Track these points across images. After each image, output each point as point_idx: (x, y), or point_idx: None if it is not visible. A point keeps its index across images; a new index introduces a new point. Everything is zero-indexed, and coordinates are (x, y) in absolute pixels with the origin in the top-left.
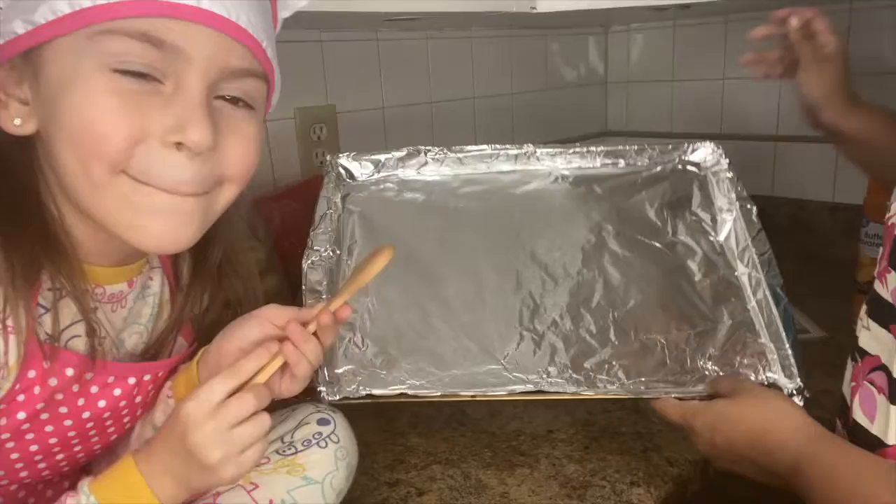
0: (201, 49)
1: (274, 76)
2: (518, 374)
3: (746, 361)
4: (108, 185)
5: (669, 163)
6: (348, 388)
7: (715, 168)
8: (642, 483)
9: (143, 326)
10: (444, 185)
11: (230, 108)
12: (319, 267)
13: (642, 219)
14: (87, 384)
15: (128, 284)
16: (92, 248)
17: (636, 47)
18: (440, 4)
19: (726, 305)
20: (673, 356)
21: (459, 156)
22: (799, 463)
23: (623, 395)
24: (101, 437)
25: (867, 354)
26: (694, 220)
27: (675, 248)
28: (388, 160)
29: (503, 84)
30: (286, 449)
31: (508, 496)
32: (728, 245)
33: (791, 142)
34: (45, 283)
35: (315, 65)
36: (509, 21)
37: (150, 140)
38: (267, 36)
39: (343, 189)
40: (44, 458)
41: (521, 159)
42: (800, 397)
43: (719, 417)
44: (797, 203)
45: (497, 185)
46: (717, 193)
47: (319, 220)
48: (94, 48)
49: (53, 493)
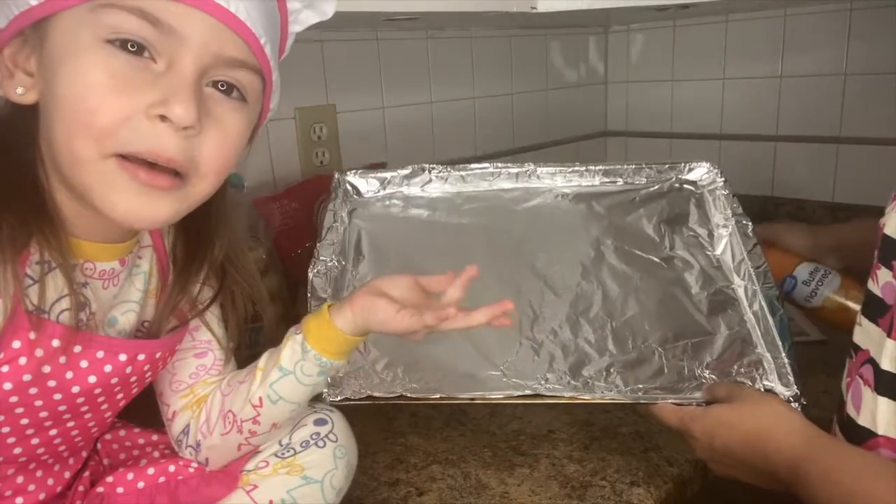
0: (196, 33)
1: (271, 75)
2: (517, 380)
3: (743, 370)
4: (93, 161)
5: (667, 181)
6: (350, 390)
7: (711, 186)
8: (642, 483)
9: (136, 304)
10: (448, 201)
11: (221, 96)
12: (324, 276)
13: (640, 234)
14: (76, 358)
15: (120, 262)
16: (80, 223)
17: (636, 47)
18: (440, 4)
19: (723, 317)
20: (670, 364)
21: (462, 174)
22: (798, 465)
23: (621, 400)
24: (95, 413)
25: (860, 349)
26: (691, 235)
27: (672, 263)
28: (394, 178)
29: (503, 84)
30: (284, 452)
31: (508, 496)
32: (724, 259)
33: (791, 142)
34: (33, 256)
35: (315, 65)
36: (509, 21)
37: (134, 116)
38: (267, 34)
39: (350, 204)
40: (36, 432)
41: (522, 177)
42: (796, 404)
43: (717, 422)
44: (797, 203)
45: (499, 202)
46: (714, 210)
47: (326, 233)
48: (93, 19)
49: (54, 480)
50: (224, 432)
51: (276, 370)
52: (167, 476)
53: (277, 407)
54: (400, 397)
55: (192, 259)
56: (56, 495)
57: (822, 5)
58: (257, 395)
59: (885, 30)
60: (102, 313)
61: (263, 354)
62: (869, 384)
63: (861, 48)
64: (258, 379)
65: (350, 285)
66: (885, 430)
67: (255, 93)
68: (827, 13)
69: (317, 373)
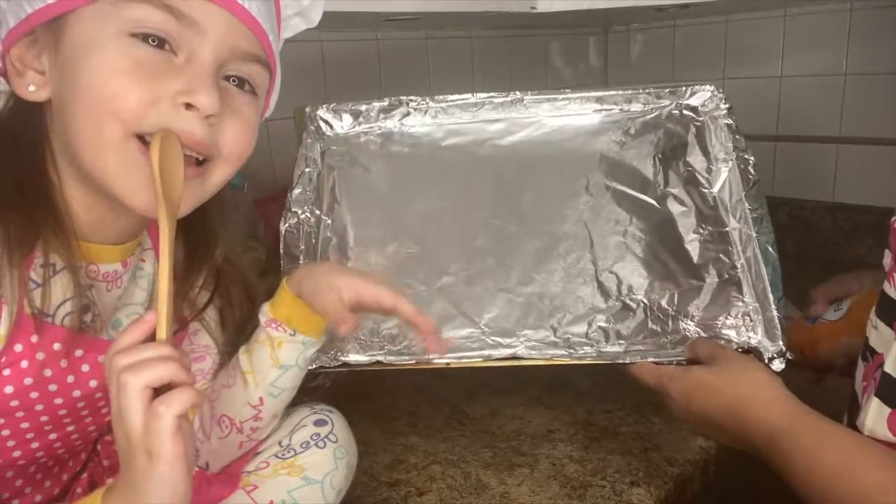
0: (216, 27)
1: (276, 72)
2: (496, 338)
3: (730, 322)
4: (118, 144)
5: (666, 108)
6: (324, 357)
7: (714, 113)
8: (642, 483)
9: (141, 307)
10: (429, 136)
11: (235, 90)
12: (297, 229)
13: (633, 170)
14: (78, 361)
15: (122, 265)
16: (87, 222)
17: (636, 47)
18: (440, 4)
19: (714, 263)
20: (654, 317)
21: (443, 105)
22: (776, 437)
23: (599, 361)
24: (95, 417)
25: (876, 353)
26: (688, 170)
27: (665, 202)
28: (370, 110)
29: (503, 84)
30: (284, 452)
31: (508, 496)
32: (721, 197)
33: (791, 142)
34: (38, 259)
35: (315, 65)
36: (509, 21)
37: (161, 102)
38: (272, 32)
39: (323, 143)
40: (36, 436)
41: (507, 107)
42: (781, 359)
43: (695, 385)
44: (797, 203)
45: (483, 135)
46: (714, 141)
47: (297, 180)
48: (116, 14)
49: (52, 483)
50: (222, 436)
51: (276, 369)
52: None
53: (279, 399)
54: (375, 363)
55: (192, 261)
56: (54, 497)
57: (822, 5)
58: (256, 396)
59: (885, 30)
60: (106, 316)
61: (240, 355)
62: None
63: (861, 48)
64: (250, 382)
65: (325, 237)
66: (871, 430)
67: (263, 87)
68: (827, 13)
69: (314, 352)
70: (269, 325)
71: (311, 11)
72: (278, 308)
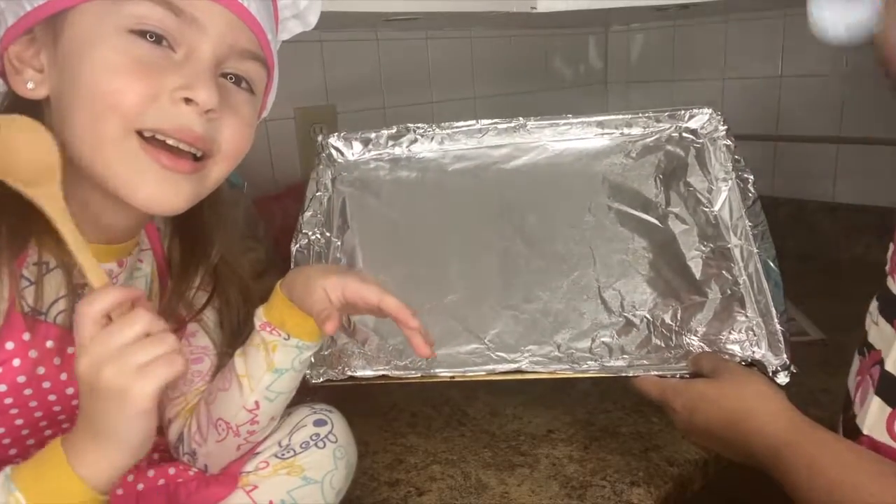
0: (215, 24)
1: (273, 71)
2: (500, 354)
3: (734, 337)
4: (118, 141)
5: (665, 131)
6: (332, 371)
7: (714, 135)
8: (642, 483)
9: None
10: (435, 162)
11: (233, 87)
12: (307, 250)
13: (635, 191)
14: (71, 359)
15: (118, 264)
16: (82, 221)
17: (636, 47)
18: (440, 4)
19: (717, 279)
20: (658, 332)
21: (448, 131)
22: (779, 449)
23: (603, 374)
24: None
25: (873, 349)
26: (689, 190)
27: (667, 221)
28: (379, 137)
29: (503, 84)
30: (284, 452)
31: (508, 496)
32: (722, 216)
33: (791, 142)
34: (30, 257)
35: (315, 65)
36: (509, 21)
37: (160, 98)
38: (270, 31)
39: (334, 170)
40: (31, 433)
41: (510, 133)
42: (785, 373)
43: (698, 397)
44: (797, 203)
45: (488, 160)
46: (714, 162)
47: (309, 203)
48: (115, 10)
49: None
50: (219, 439)
51: (271, 374)
52: (167, 478)
53: (276, 402)
54: (382, 377)
55: (189, 261)
56: None
57: None
58: (252, 400)
59: None
60: None
61: (235, 358)
62: (873, 385)
63: (861, 48)
64: (245, 386)
65: (335, 258)
66: (871, 430)
67: (261, 86)
68: None
69: (310, 355)
70: (263, 328)
71: (307, 14)
72: (272, 311)
